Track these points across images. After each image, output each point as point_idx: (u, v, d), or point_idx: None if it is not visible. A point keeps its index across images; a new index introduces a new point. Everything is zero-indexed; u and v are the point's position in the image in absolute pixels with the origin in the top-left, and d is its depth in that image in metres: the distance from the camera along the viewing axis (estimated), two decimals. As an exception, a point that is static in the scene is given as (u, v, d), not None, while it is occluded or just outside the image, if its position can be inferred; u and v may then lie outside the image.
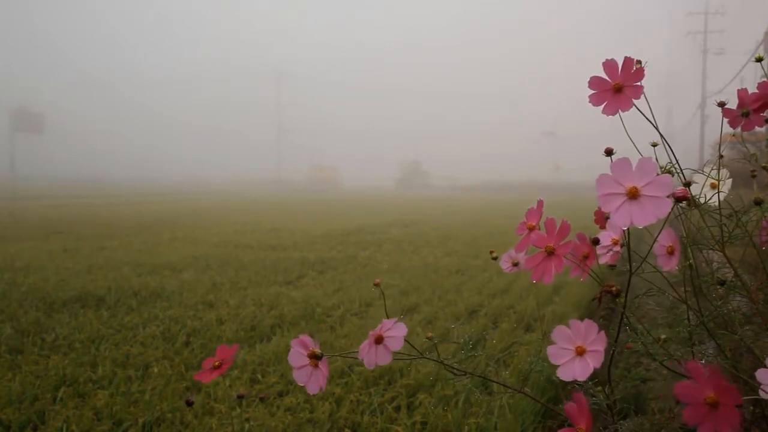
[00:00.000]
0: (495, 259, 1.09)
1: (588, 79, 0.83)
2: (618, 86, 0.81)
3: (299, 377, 0.84)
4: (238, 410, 2.27)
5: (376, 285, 0.94)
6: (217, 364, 0.87)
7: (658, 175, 0.70)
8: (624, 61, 0.82)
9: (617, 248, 0.97)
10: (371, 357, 0.83)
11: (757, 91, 0.97)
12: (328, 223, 11.29)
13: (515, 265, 1.08)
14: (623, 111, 0.82)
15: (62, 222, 11.16)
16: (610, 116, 0.91)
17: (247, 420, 2.20)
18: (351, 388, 2.49)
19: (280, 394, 2.47)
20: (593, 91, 0.83)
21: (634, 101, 0.83)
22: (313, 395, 2.42)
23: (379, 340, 0.83)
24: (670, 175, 0.71)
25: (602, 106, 0.83)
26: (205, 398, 2.37)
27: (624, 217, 0.70)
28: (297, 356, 0.84)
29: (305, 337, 0.84)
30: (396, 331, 0.83)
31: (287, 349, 3.06)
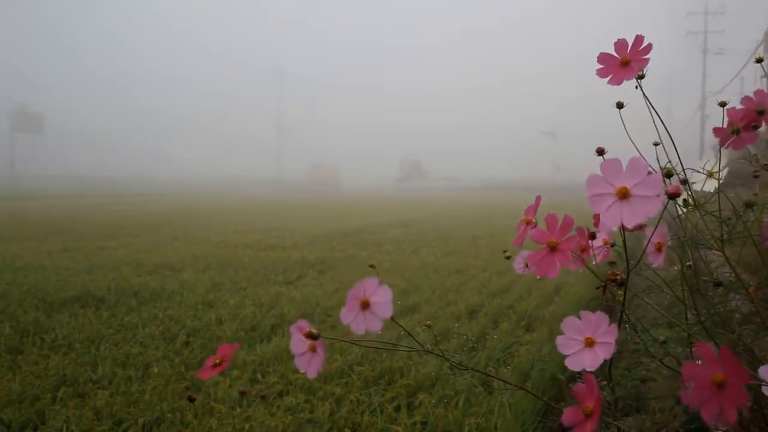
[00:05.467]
0: (508, 258, 1.09)
1: (596, 56, 0.86)
2: (625, 60, 0.85)
3: (300, 363, 0.85)
4: (239, 410, 2.27)
5: (372, 267, 0.89)
6: (218, 361, 0.88)
7: (648, 174, 0.71)
8: (635, 38, 0.85)
9: (607, 248, 0.97)
10: (359, 323, 0.78)
11: (742, 106, 0.97)
12: (328, 223, 11.29)
13: (528, 266, 1.07)
14: (627, 80, 0.84)
15: (62, 222, 11.15)
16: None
17: (248, 419, 2.20)
18: (351, 388, 2.49)
19: (280, 394, 2.47)
20: (601, 66, 0.86)
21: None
22: (314, 395, 2.43)
23: (365, 305, 0.78)
24: (660, 175, 0.72)
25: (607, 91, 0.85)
26: (205, 398, 2.37)
27: (614, 217, 0.71)
28: (298, 343, 0.85)
29: (303, 322, 0.84)
30: (381, 296, 0.78)
31: (287, 349, 3.06)
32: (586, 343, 0.77)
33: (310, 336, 0.82)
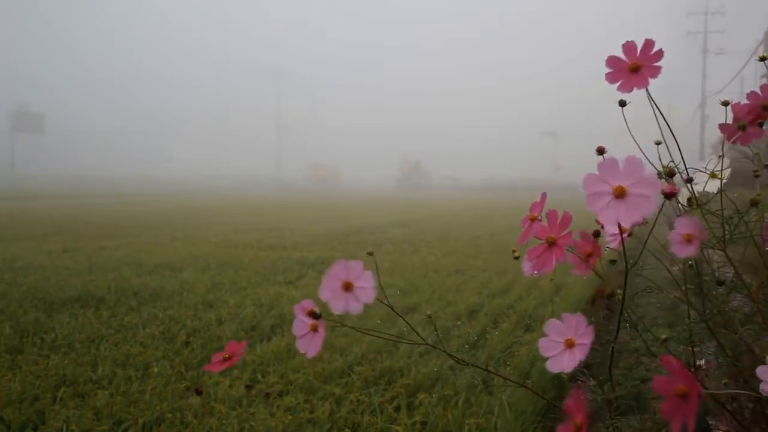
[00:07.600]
0: (517, 258, 1.08)
1: (605, 59, 0.83)
2: (635, 66, 0.81)
3: (301, 345, 0.85)
4: (239, 410, 2.27)
5: (370, 254, 0.92)
6: (227, 356, 0.88)
7: (644, 173, 0.70)
8: (644, 43, 0.82)
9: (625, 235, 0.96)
10: (340, 302, 0.80)
11: (748, 102, 0.95)
12: (328, 223, 11.29)
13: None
14: (639, 88, 0.82)
15: (62, 222, 11.15)
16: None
17: (248, 419, 2.19)
18: (351, 388, 2.49)
19: (280, 394, 2.47)
20: (609, 70, 0.83)
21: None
22: (314, 395, 2.43)
23: (348, 287, 0.80)
24: (655, 173, 0.71)
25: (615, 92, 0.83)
26: (205, 398, 2.37)
27: (610, 216, 0.70)
28: (300, 325, 0.85)
29: (307, 302, 0.84)
30: (364, 281, 0.80)
31: (287, 348, 3.07)
32: (566, 345, 0.78)
33: (312, 315, 0.82)
